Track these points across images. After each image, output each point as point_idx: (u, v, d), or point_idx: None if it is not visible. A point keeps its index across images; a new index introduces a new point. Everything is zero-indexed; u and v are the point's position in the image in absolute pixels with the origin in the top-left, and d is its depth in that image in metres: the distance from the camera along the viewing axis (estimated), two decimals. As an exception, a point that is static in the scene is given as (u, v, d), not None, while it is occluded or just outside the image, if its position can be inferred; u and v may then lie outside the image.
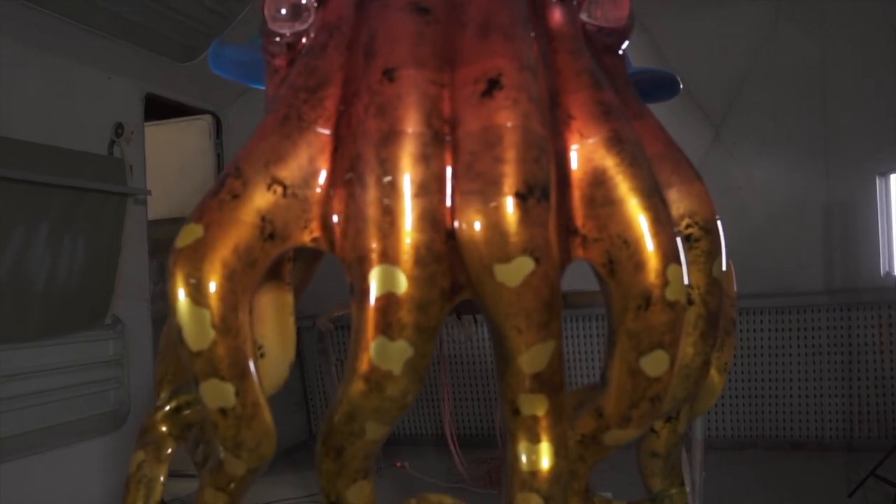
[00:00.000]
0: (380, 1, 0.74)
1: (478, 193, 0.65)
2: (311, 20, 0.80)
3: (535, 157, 0.66)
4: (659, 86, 1.21)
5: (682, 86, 1.21)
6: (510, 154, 0.65)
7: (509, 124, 0.66)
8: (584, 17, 0.81)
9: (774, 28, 4.10)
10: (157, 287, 4.57)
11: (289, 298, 0.85)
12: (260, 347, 0.84)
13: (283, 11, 0.81)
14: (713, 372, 0.93)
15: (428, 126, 0.66)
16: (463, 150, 0.66)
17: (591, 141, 0.72)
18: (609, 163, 0.71)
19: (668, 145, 0.82)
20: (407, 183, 0.65)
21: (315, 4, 0.79)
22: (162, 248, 4.52)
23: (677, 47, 4.13)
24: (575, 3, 0.80)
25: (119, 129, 3.53)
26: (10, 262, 2.94)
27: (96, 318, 3.43)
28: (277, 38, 0.80)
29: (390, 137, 0.66)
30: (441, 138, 0.67)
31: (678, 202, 0.81)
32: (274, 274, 0.81)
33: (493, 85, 0.67)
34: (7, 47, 2.98)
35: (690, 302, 0.81)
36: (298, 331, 0.88)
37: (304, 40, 0.81)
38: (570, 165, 0.72)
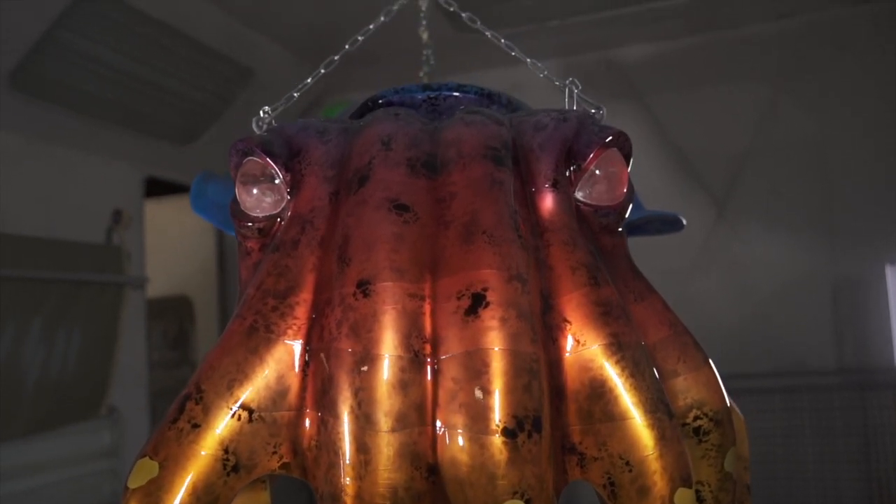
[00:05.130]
0: (356, 195, 0.69)
1: (462, 429, 0.58)
2: (283, 205, 0.75)
3: (525, 385, 0.59)
4: (665, 224, 1.18)
5: (685, 223, 1.18)
6: (497, 384, 0.58)
7: (496, 348, 0.59)
8: (579, 196, 0.75)
9: (774, 104, 4.09)
10: (158, 353, 4.51)
11: (264, 497, 0.78)
12: (231, 555, 0.77)
13: (255, 191, 0.76)
14: None
15: (406, 349, 0.60)
16: (445, 377, 0.60)
17: (588, 349, 0.65)
18: (608, 373, 0.65)
19: (673, 328, 0.76)
20: (383, 416, 0.59)
21: (288, 190, 0.74)
22: (163, 314, 4.47)
23: (678, 124, 4.12)
24: (570, 182, 0.75)
25: (117, 215, 3.50)
26: (0, 358, 2.87)
27: (91, 409, 3.34)
28: (249, 224, 0.75)
29: (365, 362, 0.60)
30: (421, 360, 0.61)
31: (685, 392, 0.74)
32: None
33: (478, 301, 0.61)
34: (4, 141, 2.97)
35: (701, 501, 0.74)
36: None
37: (279, 220, 0.76)
38: (565, 376, 0.65)
